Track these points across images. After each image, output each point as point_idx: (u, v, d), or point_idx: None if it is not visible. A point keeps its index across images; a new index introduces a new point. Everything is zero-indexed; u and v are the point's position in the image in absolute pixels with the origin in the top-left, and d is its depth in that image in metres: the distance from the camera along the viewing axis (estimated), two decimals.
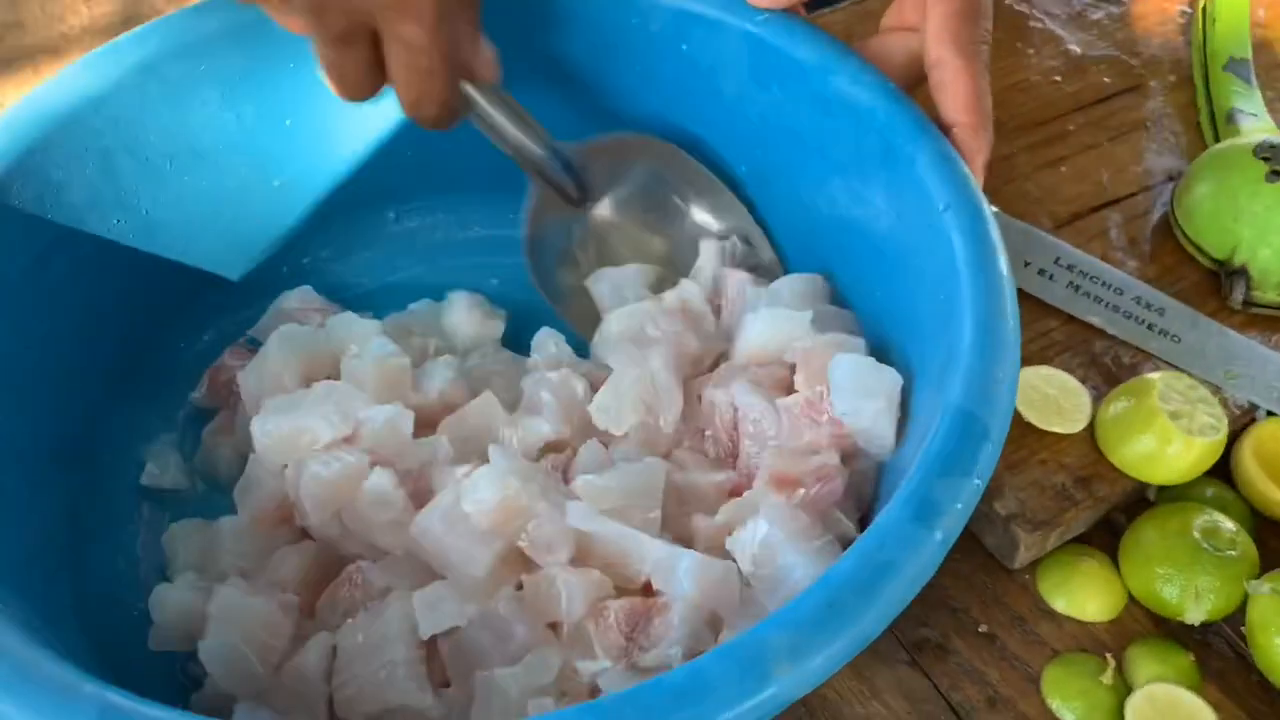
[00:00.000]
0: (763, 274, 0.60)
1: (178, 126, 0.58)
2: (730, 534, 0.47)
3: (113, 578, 0.53)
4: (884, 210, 0.54)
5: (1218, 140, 0.73)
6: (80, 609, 0.50)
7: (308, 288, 0.63)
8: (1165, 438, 0.56)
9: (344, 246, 0.66)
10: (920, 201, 0.51)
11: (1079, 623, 0.56)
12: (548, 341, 0.58)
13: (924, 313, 0.50)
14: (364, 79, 0.50)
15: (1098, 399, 0.60)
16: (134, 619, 0.52)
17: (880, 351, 0.55)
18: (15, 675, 0.35)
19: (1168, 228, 0.69)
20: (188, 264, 0.61)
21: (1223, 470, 0.59)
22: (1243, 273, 0.64)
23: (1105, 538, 0.59)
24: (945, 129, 0.52)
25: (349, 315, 0.59)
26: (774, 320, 0.54)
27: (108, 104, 0.55)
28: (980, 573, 0.58)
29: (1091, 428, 0.59)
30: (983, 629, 0.56)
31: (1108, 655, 0.54)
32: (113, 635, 0.50)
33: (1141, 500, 0.60)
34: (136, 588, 0.53)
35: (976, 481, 0.40)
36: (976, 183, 0.50)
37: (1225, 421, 0.57)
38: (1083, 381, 0.61)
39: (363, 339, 0.56)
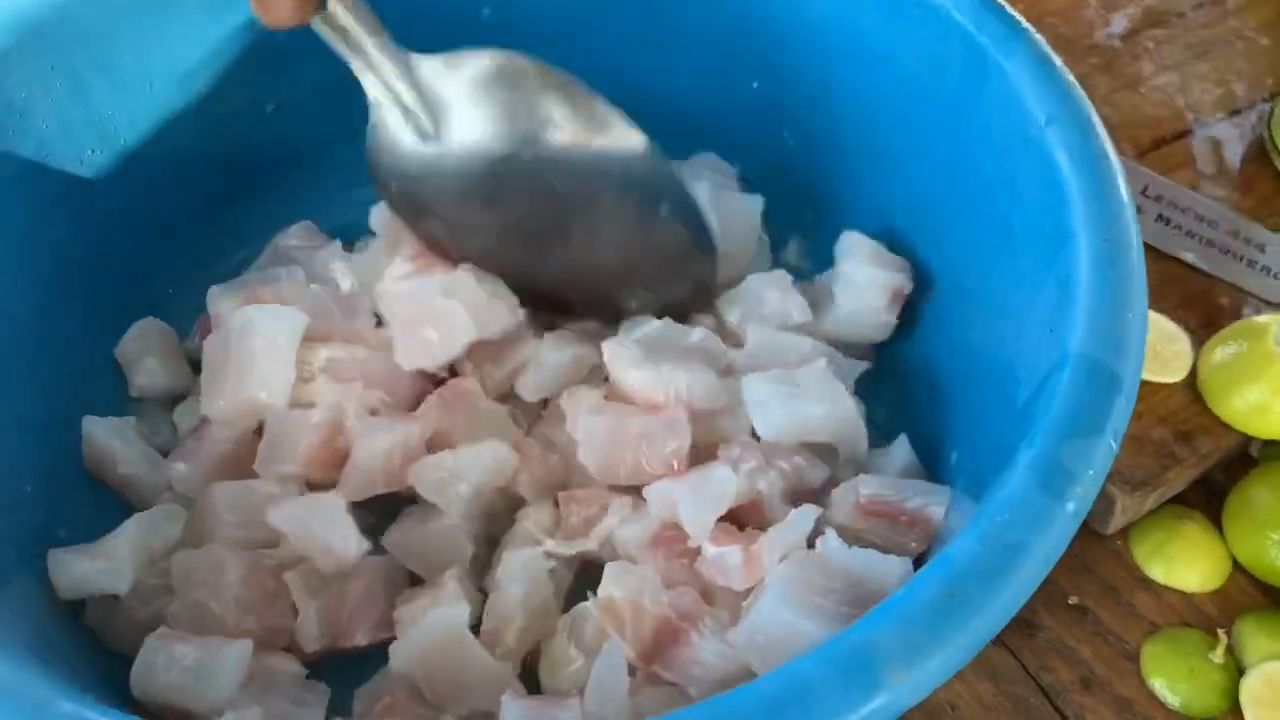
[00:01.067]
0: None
1: (156, 43, 0.51)
2: None
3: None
4: (966, 128, 0.47)
5: None
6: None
7: (307, 223, 0.57)
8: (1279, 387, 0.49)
9: (345, 179, 0.59)
10: (1014, 117, 0.44)
11: (1180, 593, 0.50)
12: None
13: (1022, 247, 0.43)
14: None
15: (1197, 345, 0.54)
16: None
17: (960, 294, 0.49)
18: None
19: (1263, 154, 0.62)
20: (174, 202, 0.55)
21: None
22: None
23: (1204, 499, 0.53)
24: None
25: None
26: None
27: (72, 16, 0.48)
28: None
29: (1192, 376, 0.53)
30: (1073, 601, 0.50)
31: (1219, 631, 0.48)
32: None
33: (1244, 457, 0.54)
34: None
35: (1111, 442, 0.34)
36: (1082, 92, 0.43)
37: None
38: (1179, 325, 0.55)
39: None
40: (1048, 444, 0.33)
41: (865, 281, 0.51)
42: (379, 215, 0.53)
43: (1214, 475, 0.53)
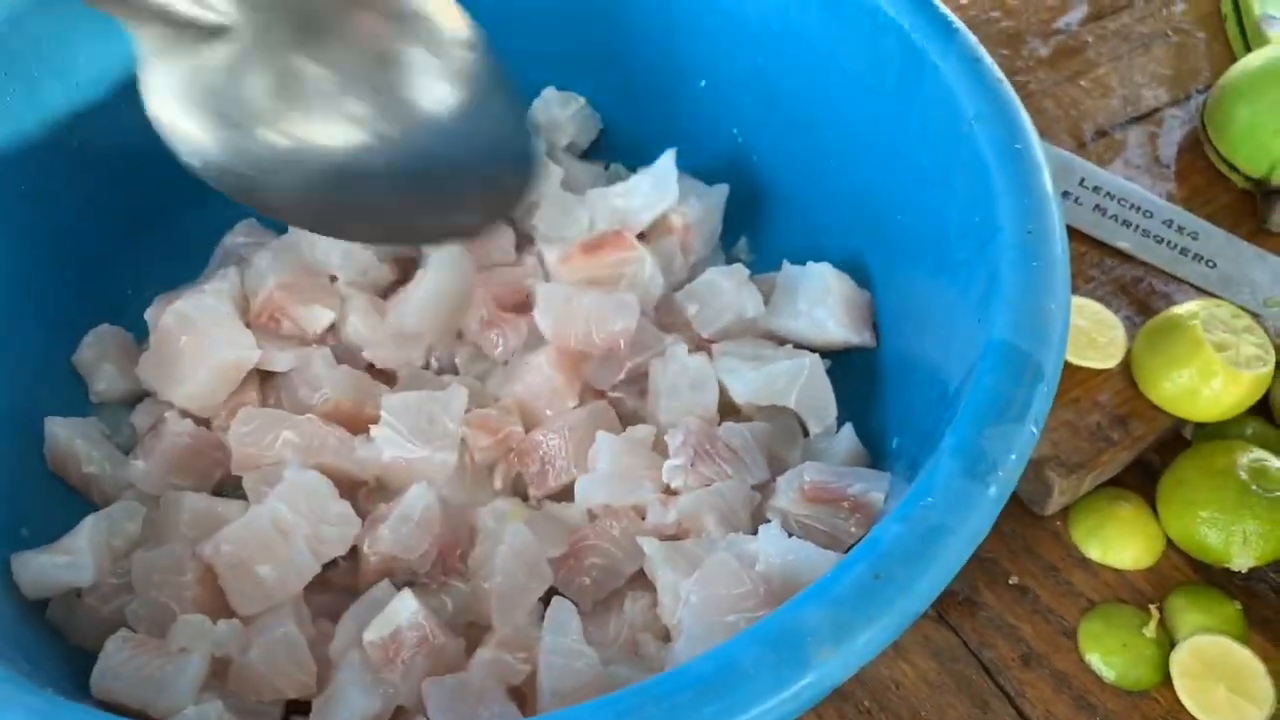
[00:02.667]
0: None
1: (110, 48, 0.51)
2: None
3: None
4: (903, 124, 0.48)
5: (1248, 50, 0.68)
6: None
7: (251, 220, 0.58)
8: (1209, 371, 0.51)
9: None
10: (947, 114, 0.45)
11: (1115, 571, 0.52)
12: None
13: (955, 240, 0.45)
14: None
15: (1131, 331, 0.56)
16: None
17: (899, 286, 0.51)
18: None
19: (1197, 145, 0.64)
20: (129, 204, 0.55)
21: (1262, 406, 0.55)
22: None
23: (1139, 480, 0.55)
24: None
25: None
26: None
27: (26, 21, 0.48)
28: (1008, 520, 0.54)
29: (1127, 362, 0.55)
30: (1013, 581, 0.52)
31: (1151, 606, 0.50)
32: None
33: (1177, 439, 0.56)
34: None
35: (1032, 429, 0.35)
36: (1010, 89, 0.45)
37: (1273, 353, 0.52)
38: (1114, 313, 0.56)
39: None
40: (970, 430, 0.35)
41: (833, 334, 0.52)
42: None
43: (1149, 457, 0.55)
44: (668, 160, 0.56)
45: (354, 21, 0.44)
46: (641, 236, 0.56)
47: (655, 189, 0.56)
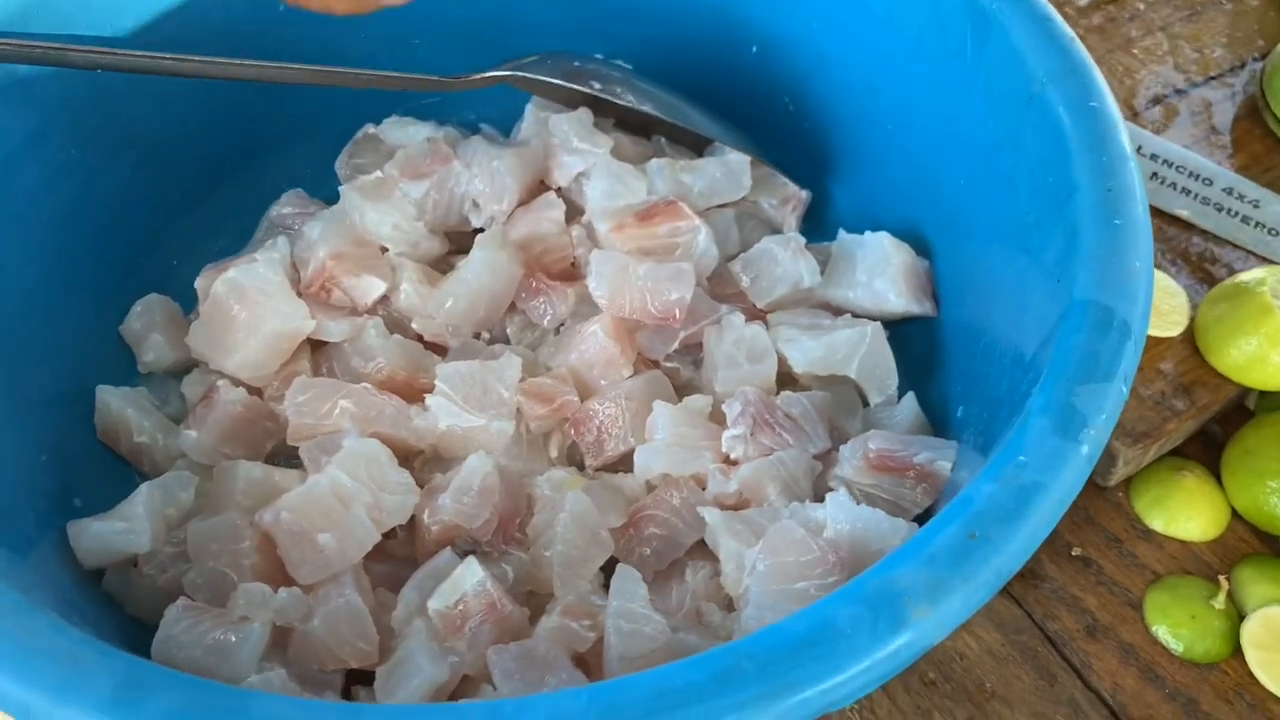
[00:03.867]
0: None
1: (158, 17, 0.51)
2: None
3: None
4: (966, 88, 0.47)
5: None
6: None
7: (298, 191, 0.57)
8: (1277, 338, 0.50)
9: (337, 147, 0.59)
10: (1015, 75, 0.44)
11: (1180, 543, 0.51)
12: None
13: (1026, 202, 0.44)
14: None
15: (1194, 299, 0.55)
16: None
17: (964, 253, 0.50)
18: (17, 647, 0.29)
19: (1255, 113, 0.63)
20: (176, 175, 0.55)
21: None
22: None
23: (1201, 452, 0.54)
24: None
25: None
26: None
27: None
28: None
29: (1190, 331, 0.54)
30: (1076, 552, 0.51)
31: (1221, 578, 0.49)
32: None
33: (1239, 410, 0.55)
34: None
35: (1122, 387, 0.34)
36: (1082, 47, 0.44)
37: None
38: (1175, 281, 0.55)
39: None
40: (1060, 389, 0.34)
41: (893, 304, 0.51)
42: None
43: (1211, 429, 0.54)
44: (743, 158, 0.55)
45: None
46: None
47: (727, 178, 0.55)
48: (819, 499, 0.44)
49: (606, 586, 0.43)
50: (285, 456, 0.49)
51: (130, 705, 0.28)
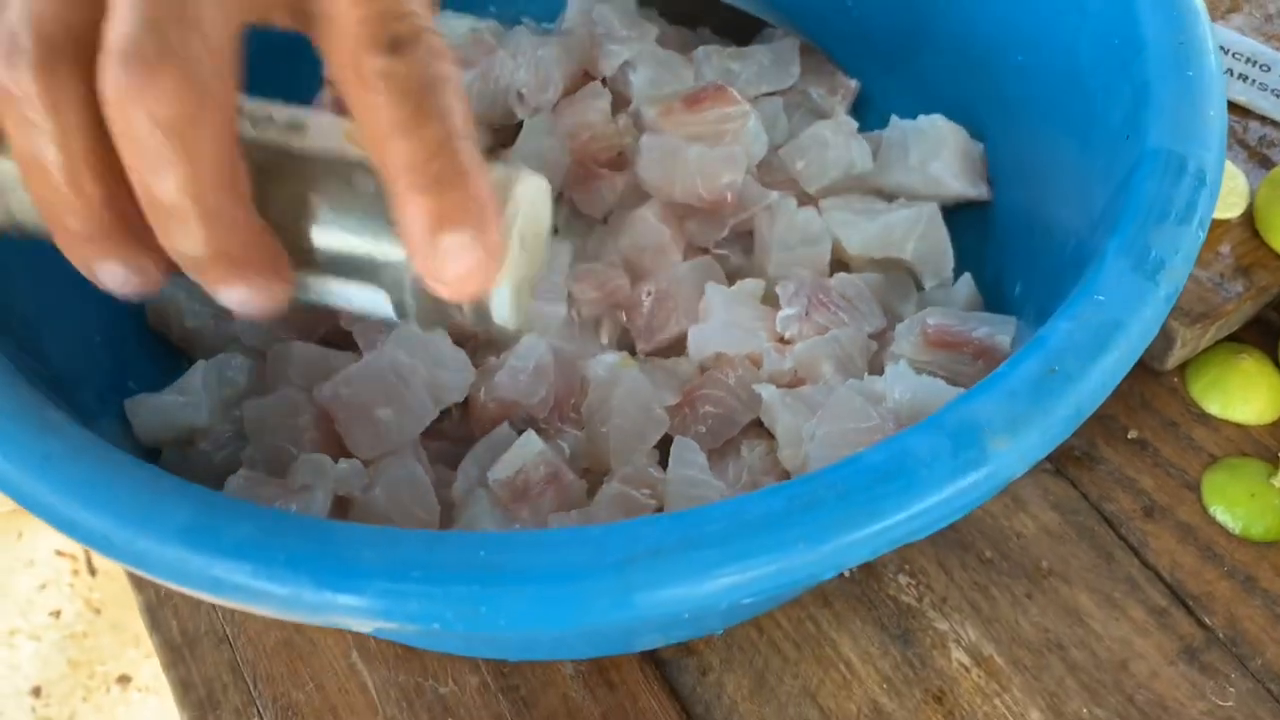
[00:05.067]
0: None
1: None
2: None
3: None
4: None
5: None
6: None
7: None
8: None
9: None
10: None
11: (1237, 426, 0.51)
12: None
13: (1089, 66, 0.43)
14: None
15: (1253, 184, 0.54)
16: None
17: (1020, 123, 0.49)
18: (96, 480, 0.30)
19: None
20: None
21: None
22: None
23: (1259, 337, 0.53)
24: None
25: None
26: None
27: None
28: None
29: (1249, 214, 0.53)
30: (1132, 435, 0.51)
31: (1279, 457, 0.49)
32: None
33: None
34: None
35: (1199, 232, 0.34)
36: None
37: None
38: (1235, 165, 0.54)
39: None
40: (1136, 230, 0.33)
41: (950, 187, 0.50)
42: None
43: (1270, 315, 0.54)
44: (792, 42, 0.54)
45: None
46: None
47: (775, 65, 0.55)
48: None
49: (663, 464, 0.43)
50: (338, 344, 0.49)
51: (207, 533, 0.28)
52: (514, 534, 0.31)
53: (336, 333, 0.49)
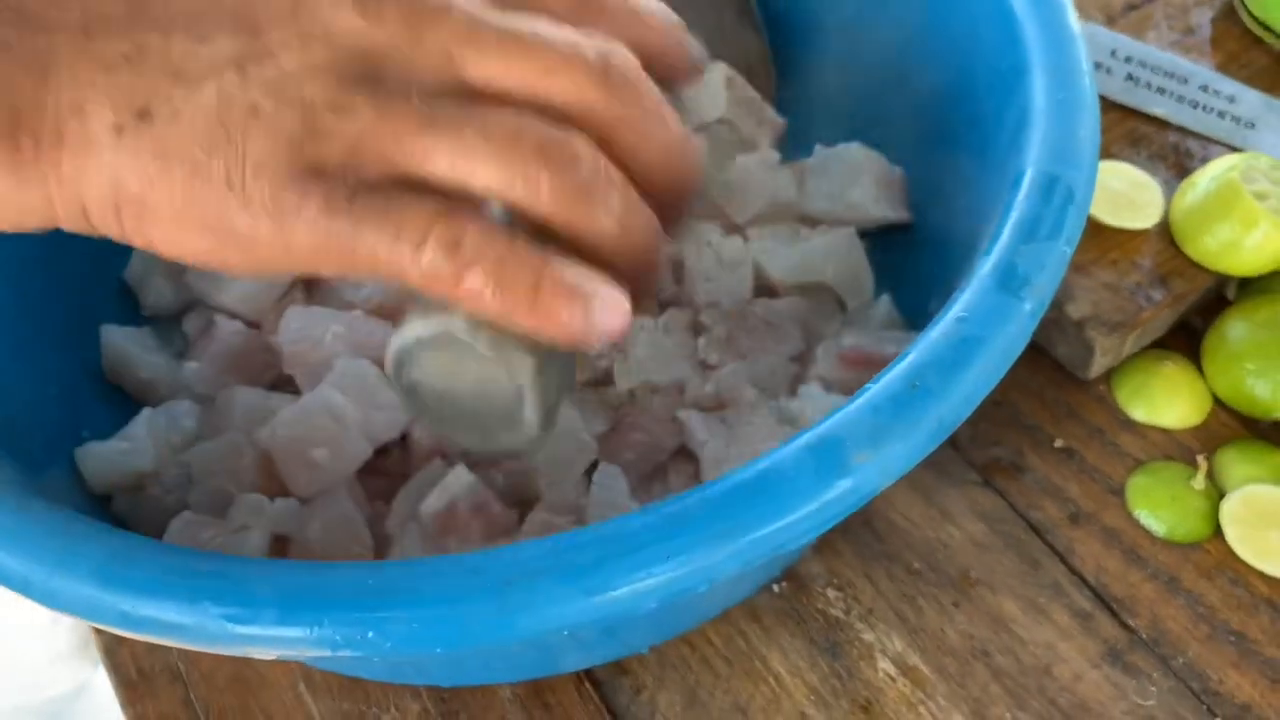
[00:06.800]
0: None
1: None
2: None
3: None
4: None
5: None
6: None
7: None
8: (1249, 221, 0.51)
9: None
10: None
11: (1162, 431, 0.52)
12: None
13: (983, 91, 0.45)
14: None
15: (1169, 194, 0.55)
16: None
17: (929, 152, 0.51)
18: (14, 526, 0.32)
19: (1231, 14, 0.63)
20: None
21: None
22: None
23: (1182, 342, 0.54)
24: None
25: None
26: None
27: None
28: (1050, 387, 0.53)
29: (1165, 223, 0.54)
30: (1059, 444, 0.52)
31: (1199, 457, 0.50)
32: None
33: (1219, 301, 0.55)
34: None
35: (1065, 248, 0.35)
36: None
37: None
38: (1151, 176, 0.56)
39: None
40: (1005, 248, 0.35)
41: (870, 212, 0.52)
42: None
43: (1193, 321, 0.55)
44: (718, 73, 0.56)
45: None
46: None
47: (703, 98, 0.57)
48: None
49: None
50: (285, 391, 0.51)
51: (120, 573, 0.30)
52: (402, 562, 0.32)
53: (283, 382, 0.51)
